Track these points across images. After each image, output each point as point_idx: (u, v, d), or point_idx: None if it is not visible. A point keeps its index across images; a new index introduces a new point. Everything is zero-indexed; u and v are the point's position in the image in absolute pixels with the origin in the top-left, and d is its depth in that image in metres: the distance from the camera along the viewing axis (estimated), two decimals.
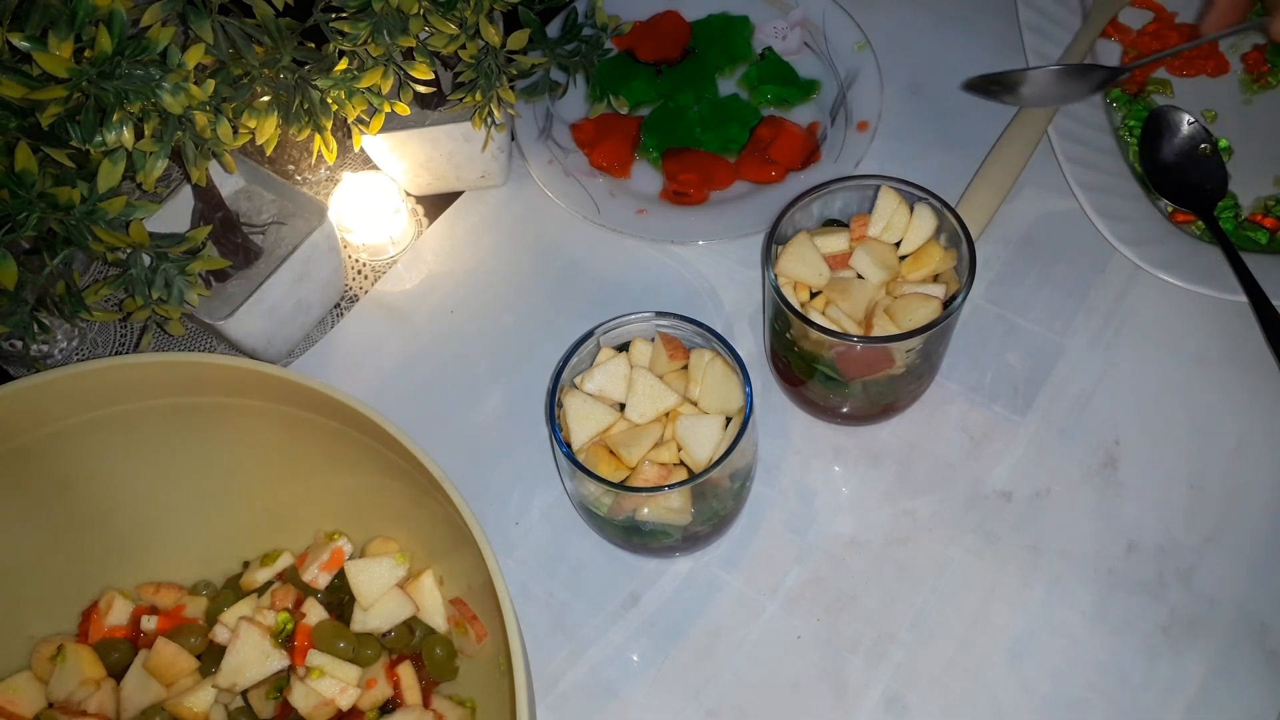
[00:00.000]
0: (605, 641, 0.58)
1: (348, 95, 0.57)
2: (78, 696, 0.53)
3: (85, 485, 0.55)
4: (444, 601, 0.54)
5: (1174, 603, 0.57)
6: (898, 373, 0.57)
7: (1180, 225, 0.67)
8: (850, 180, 0.58)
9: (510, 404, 0.67)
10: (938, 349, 0.59)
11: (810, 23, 0.79)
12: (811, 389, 0.61)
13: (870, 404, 0.61)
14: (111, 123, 0.47)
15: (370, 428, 0.47)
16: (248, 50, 0.52)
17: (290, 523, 0.58)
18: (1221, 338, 0.65)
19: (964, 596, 0.58)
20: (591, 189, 0.73)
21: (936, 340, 0.57)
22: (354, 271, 0.74)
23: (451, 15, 0.57)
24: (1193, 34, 0.76)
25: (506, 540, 0.62)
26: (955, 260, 0.57)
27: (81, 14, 0.45)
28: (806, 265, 0.57)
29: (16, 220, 0.48)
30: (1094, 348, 0.65)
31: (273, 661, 0.53)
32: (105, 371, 0.50)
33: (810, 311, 0.56)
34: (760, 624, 0.58)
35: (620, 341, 0.58)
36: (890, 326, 0.54)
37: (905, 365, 0.57)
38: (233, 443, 0.55)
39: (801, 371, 0.59)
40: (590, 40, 0.67)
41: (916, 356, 0.56)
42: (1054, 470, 0.61)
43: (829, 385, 0.59)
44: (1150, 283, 0.66)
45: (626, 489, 0.52)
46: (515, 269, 0.73)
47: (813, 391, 0.61)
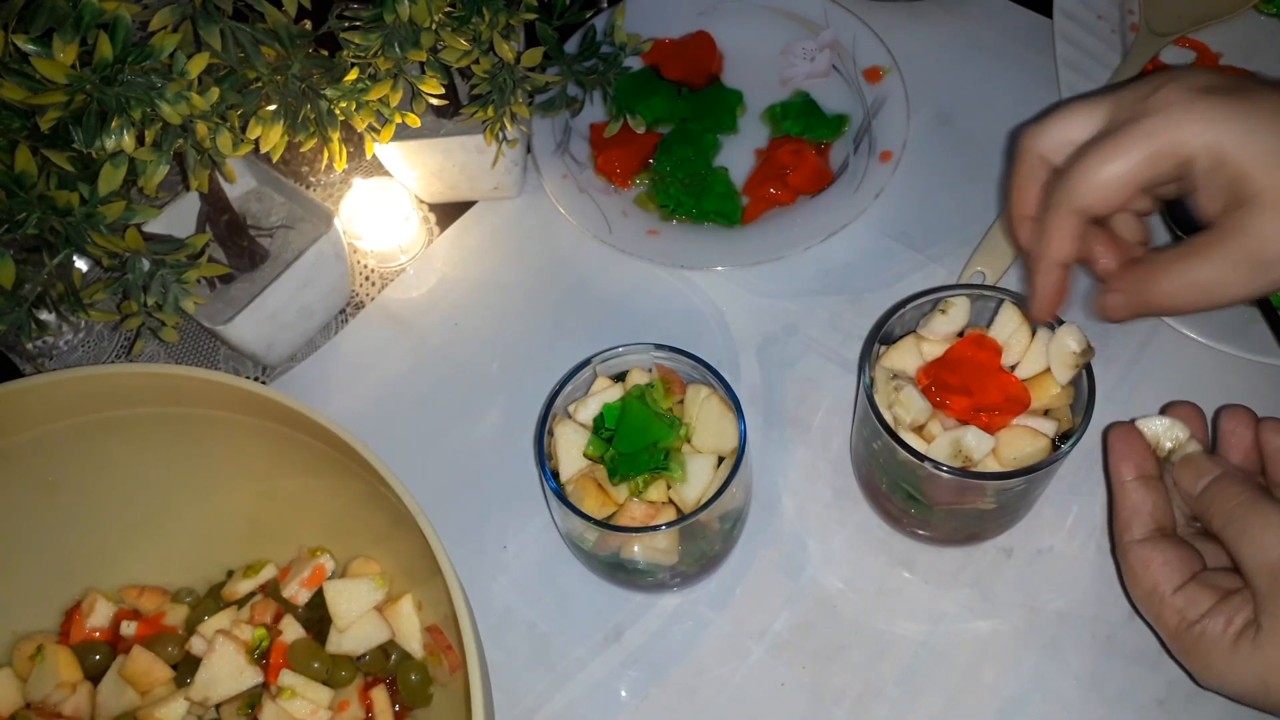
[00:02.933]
0: (586, 675, 0.57)
1: (356, 107, 0.56)
2: (54, 699, 0.53)
3: (73, 487, 0.55)
4: (421, 628, 0.54)
5: (1172, 675, 0.54)
6: (987, 507, 0.54)
7: None
8: (969, 289, 0.55)
9: (508, 422, 0.66)
10: (1038, 489, 0.55)
11: (840, 45, 0.77)
12: (891, 502, 0.57)
13: (953, 531, 0.58)
14: (111, 128, 0.46)
15: (349, 451, 0.47)
16: (257, 57, 0.52)
17: (276, 534, 0.58)
18: (1243, 399, 0.62)
19: (955, 654, 0.56)
20: (604, 206, 0.72)
21: (1040, 481, 0.53)
22: (361, 277, 0.73)
23: (465, 30, 0.56)
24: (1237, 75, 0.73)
25: (495, 563, 0.61)
26: (1072, 396, 0.53)
27: (87, 17, 0.45)
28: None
29: (15, 221, 0.48)
30: (1110, 401, 0.63)
31: (246, 678, 0.52)
32: (92, 379, 0.50)
33: (902, 430, 0.52)
34: (745, 668, 0.57)
35: (617, 371, 0.56)
36: (991, 460, 0.51)
37: (998, 501, 0.53)
38: (220, 453, 0.55)
39: (883, 483, 0.56)
40: (608, 58, 0.66)
41: (1012, 494, 0.53)
42: (1058, 527, 0.59)
43: (910, 504, 0.55)
44: (1172, 336, 0.64)
45: (611, 528, 0.51)
46: (523, 283, 0.72)
47: (892, 505, 0.57)
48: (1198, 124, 0.42)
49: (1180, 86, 0.44)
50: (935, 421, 0.52)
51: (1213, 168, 0.43)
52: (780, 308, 0.69)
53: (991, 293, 0.55)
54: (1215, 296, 0.44)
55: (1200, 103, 0.43)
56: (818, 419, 0.65)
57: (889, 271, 0.69)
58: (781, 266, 0.69)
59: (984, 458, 0.50)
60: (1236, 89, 0.43)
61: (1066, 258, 0.47)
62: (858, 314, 0.68)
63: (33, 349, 0.70)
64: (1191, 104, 0.43)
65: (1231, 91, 0.43)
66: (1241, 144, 0.42)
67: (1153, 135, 0.43)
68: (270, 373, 0.69)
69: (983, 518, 0.56)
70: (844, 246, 0.70)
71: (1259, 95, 0.43)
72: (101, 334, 0.72)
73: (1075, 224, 0.46)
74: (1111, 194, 0.44)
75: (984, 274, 0.66)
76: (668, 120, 0.75)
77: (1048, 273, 0.47)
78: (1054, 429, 0.52)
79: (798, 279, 0.69)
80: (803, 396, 0.65)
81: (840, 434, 0.64)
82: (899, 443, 0.50)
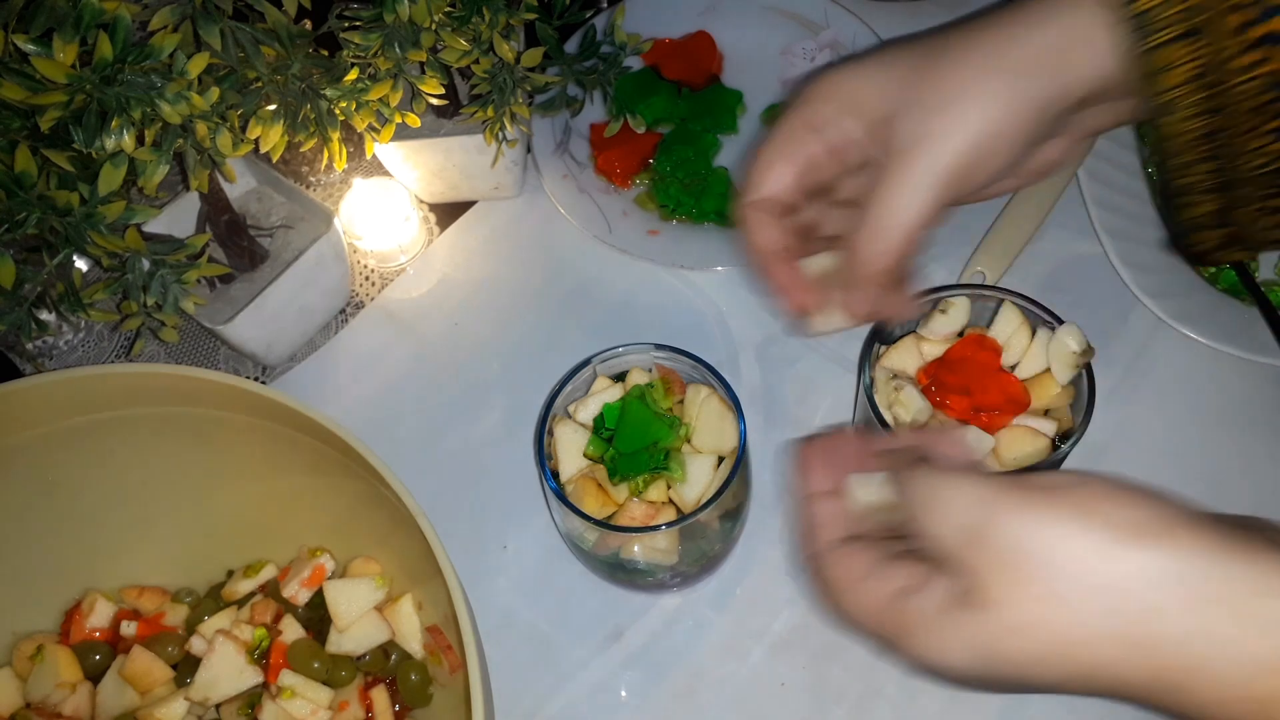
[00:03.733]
0: (586, 675, 0.57)
1: (356, 107, 0.56)
2: (54, 699, 0.53)
3: (73, 486, 0.55)
4: (421, 628, 0.54)
5: None
6: None
7: (1201, 274, 0.65)
8: (969, 289, 0.55)
9: (508, 422, 0.66)
10: None
11: (840, 45, 0.77)
12: None
13: None
14: (111, 128, 0.46)
15: (349, 452, 0.47)
16: (257, 56, 0.52)
17: (276, 534, 0.58)
18: (1243, 399, 0.62)
19: None
20: (604, 206, 0.72)
21: None
22: (361, 277, 0.73)
23: (464, 31, 0.56)
24: None
25: (495, 563, 0.61)
26: (1072, 396, 0.53)
27: (87, 17, 0.45)
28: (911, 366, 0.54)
29: (15, 221, 0.48)
30: (1111, 401, 0.63)
31: (246, 678, 0.52)
32: (92, 380, 0.50)
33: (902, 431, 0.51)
34: (745, 668, 0.57)
35: (617, 371, 0.56)
36: (992, 460, 0.51)
37: None
38: (221, 453, 0.55)
39: None
40: (608, 58, 0.66)
41: None
42: None
43: None
44: (1173, 337, 0.63)
45: (611, 527, 0.51)
46: (523, 283, 0.72)
47: None
48: (828, 86, 0.47)
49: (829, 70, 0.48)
50: (935, 421, 0.52)
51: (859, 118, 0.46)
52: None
53: (991, 293, 0.55)
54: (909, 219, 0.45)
55: (832, 72, 0.47)
56: (818, 419, 0.64)
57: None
58: None
59: (984, 458, 0.50)
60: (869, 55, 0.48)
61: (768, 245, 0.49)
62: None
63: (33, 349, 0.70)
64: (820, 78, 0.47)
65: (864, 57, 0.47)
66: (870, 87, 0.46)
67: (801, 110, 0.47)
68: (270, 373, 0.69)
69: None
70: None
71: (880, 53, 0.47)
72: (101, 334, 0.72)
73: (755, 213, 0.49)
74: (778, 176, 0.48)
75: (984, 274, 0.66)
76: (668, 120, 0.75)
77: (764, 266, 0.49)
78: (1054, 429, 0.52)
79: None
80: (803, 396, 0.65)
81: None
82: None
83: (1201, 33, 0.41)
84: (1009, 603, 0.33)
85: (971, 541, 0.34)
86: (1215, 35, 0.40)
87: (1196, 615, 0.31)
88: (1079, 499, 0.33)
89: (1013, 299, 0.54)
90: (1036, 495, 0.33)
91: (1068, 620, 0.32)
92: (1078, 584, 0.32)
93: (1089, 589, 0.32)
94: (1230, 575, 0.31)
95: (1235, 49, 0.40)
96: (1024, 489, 0.34)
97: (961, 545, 0.34)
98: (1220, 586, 0.31)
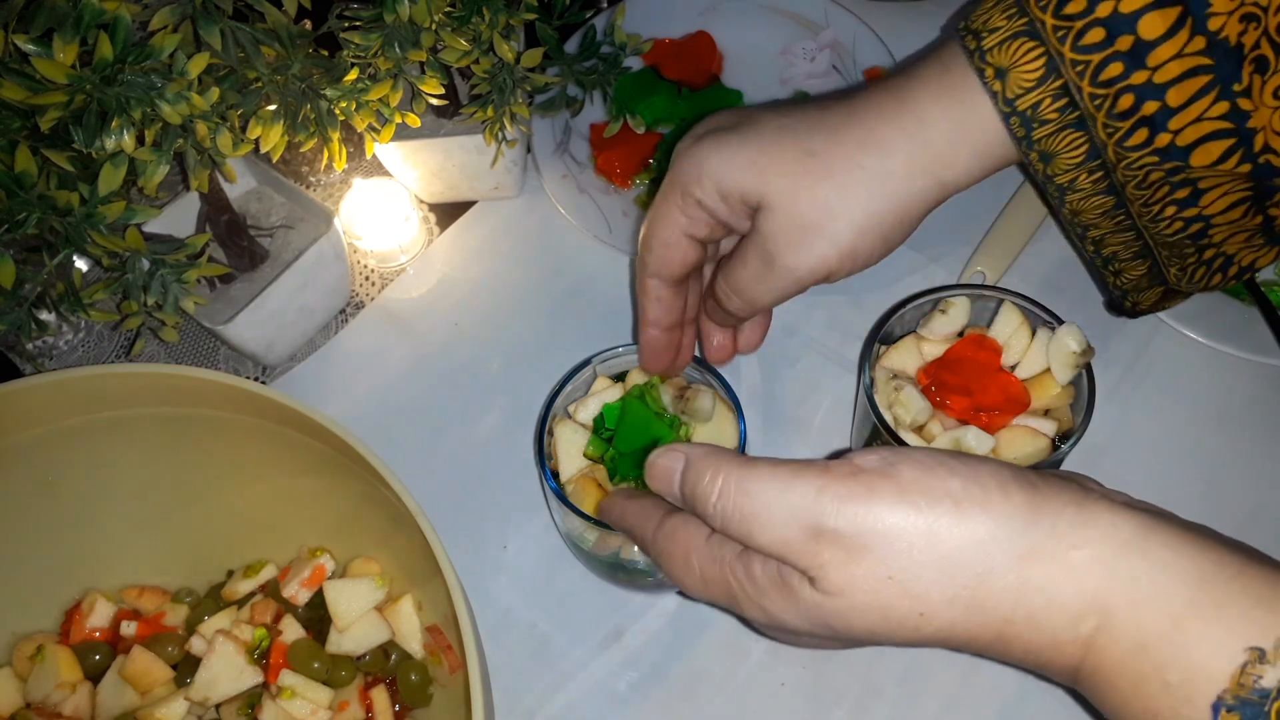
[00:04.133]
0: (586, 675, 0.57)
1: (356, 107, 0.56)
2: (54, 699, 0.53)
3: (73, 487, 0.55)
4: (421, 628, 0.54)
5: None
6: None
7: None
8: (969, 289, 0.55)
9: (508, 422, 0.66)
10: None
11: (840, 45, 0.77)
12: None
13: None
14: (111, 128, 0.46)
15: (349, 452, 0.47)
16: (257, 56, 0.52)
17: (276, 535, 0.58)
18: (1243, 399, 0.62)
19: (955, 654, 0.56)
20: (604, 206, 0.72)
21: None
22: (361, 277, 0.73)
23: (464, 31, 0.56)
24: None
25: (495, 563, 0.61)
26: (1072, 396, 0.53)
27: (87, 17, 0.45)
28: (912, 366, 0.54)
29: (15, 221, 0.48)
30: (1111, 401, 0.63)
31: (246, 678, 0.52)
32: (93, 380, 0.50)
33: (902, 430, 0.52)
34: (745, 668, 0.57)
35: (617, 371, 0.56)
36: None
37: None
38: (221, 453, 0.55)
39: None
40: (608, 58, 0.66)
41: None
42: None
43: None
44: (1172, 337, 0.64)
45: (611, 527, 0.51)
46: (523, 283, 0.72)
47: None
48: (708, 173, 0.47)
49: (685, 140, 0.49)
50: (935, 421, 0.52)
51: (721, 199, 0.47)
52: (780, 308, 0.68)
53: (991, 293, 0.55)
54: (756, 297, 0.50)
55: (707, 153, 0.47)
56: (818, 419, 0.65)
57: (889, 272, 0.69)
58: None
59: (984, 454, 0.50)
60: (742, 124, 0.48)
61: (656, 319, 0.52)
62: (858, 314, 0.68)
63: (33, 349, 0.70)
64: (700, 158, 0.47)
65: (736, 129, 0.47)
66: (745, 175, 0.46)
67: (676, 197, 0.48)
68: (270, 373, 0.69)
69: None
70: None
71: (745, 123, 0.48)
72: (101, 334, 0.72)
73: (651, 287, 0.51)
74: (664, 256, 0.50)
75: (984, 274, 0.66)
76: (668, 120, 0.75)
77: (645, 332, 0.53)
78: (1054, 429, 0.52)
79: None
80: (803, 396, 0.65)
81: (840, 434, 0.64)
82: (899, 443, 0.50)
83: (1086, 120, 0.42)
84: (850, 589, 0.34)
85: (802, 537, 0.35)
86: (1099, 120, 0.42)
87: (1019, 572, 0.33)
88: (897, 480, 0.35)
89: (1013, 299, 0.54)
90: (855, 484, 0.35)
91: (907, 595, 0.34)
92: (911, 560, 0.34)
93: (922, 564, 0.34)
94: (1042, 531, 0.33)
95: (1121, 131, 0.41)
96: (840, 479, 0.35)
97: (792, 542, 0.35)
98: (1035, 543, 0.33)
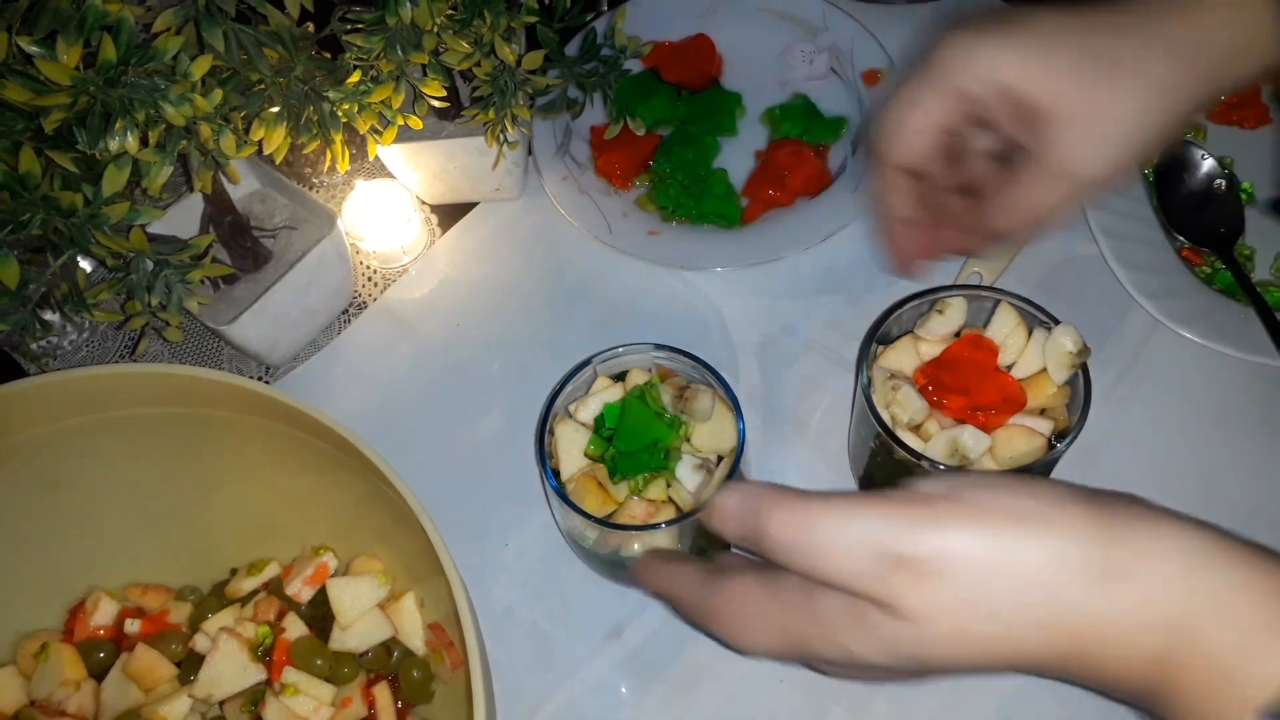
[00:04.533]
0: (587, 672, 0.58)
1: (358, 109, 0.57)
2: (58, 696, 0.54)
3: (78, 485, 0.56)
4: (423, 625, 0.54)
5: None
6: None
7: (1192, 267, 0.66)
8: (966, 289, 0.55)
9: (509, 421, 0.66)
10: None
11: (838, 48, 0.78)
12: None
13: None
14: (115, 129, 0.47)
15: (352, 451, 0.47)
16: (260, 59, 0.52)
17: (279, 533, 0.58)
18: (1240, 399, 0.63)
19: None
20: (605, 207, 0.72)
21: None
22: (364, 278, 0.74)
23: (466, 33, 0.56)
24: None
25: (496, 561, 0.62)
26: (1068, 396, 0.53)
27: (91, 19, 0.45)
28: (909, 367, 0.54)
29: (20, 221, 0.49)
30: (1108, 401, 0.63)
31: (250, 675, 0.52)
32: (97, 380, 0.50)
33: (899, 429, 0.52)
34: (744, 665, 0.57)
35: (617, 371, 0.57)
36: (988, 459, 0.51)
37: None
38: (224, 453, 0.55)
39: (881, 482, 0.56)
40: (609, 60, 0.66)
41: None
42: None
43: None
44: (1170, 337, 0.64)
45: (611, 525, 0.51)
46: (524, 284, 0.72)
47: None
48: (978, 63, 0.45)
49: (961, 32, 0.47)
50: (932, 421, 0.53)
51: (1002, 103, 0.46)
52: (779, 308, 0.69)
53: (988, 293, 0.55)
54: (1041, 215, 0.48)
55: (979, 42, 0.46)
56: (816, 419, 0.65)
57: (887, 273, 0.70)
58: (781, 267, 0.69)
59: (980, 457, 0.51)
60: (1015, 23, 0.46)
61: (897, 210, 0.50)
62: (856, 314, 0.68)
63: (37, 349, 0.71)
64: (971, 46, 0.46)
65: (1011, 26, 0.46)
66: (1023, 72, 0.45)
67: (936, 82, 0.47)
68: (273, 373, 0.70)
69: None
70: (842, 248, 0.70)
71: (1037, 23, 0.46)
72: (105, 334, 0.73)
73: (893, 177, 0.49)
74: (913, 144, 0.48)
75: (980, 275, 0.67)
76: (668, 122, 0.75)
77: (889, 226, 0.51)
78: (1050, 428, 0.52)
79: (797, 280, 0.70)
80: (802, 396, 0.66)
81: (839, 433, 0.64)
82: (896, 442, 0.50)
83: None
84: (930, 616, 0.34)
85: (875, 566, 0.34)
86: None
87: (1091, 589, 0.33)
88: (964, 503, 0.34)
89: (1009, 299, 0.54)
90: (924, 510, 0.34)
91: (986, 618, 0.33)
92: (987, 582, 0.33)
93: (997, 585, 0.33)
94: (1112, 548, 0.33)
95: None
96: (908, 505, 0.34)
97: (865, 572, 0.34)
98: (1107, 559, 0.33)
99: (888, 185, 0.50)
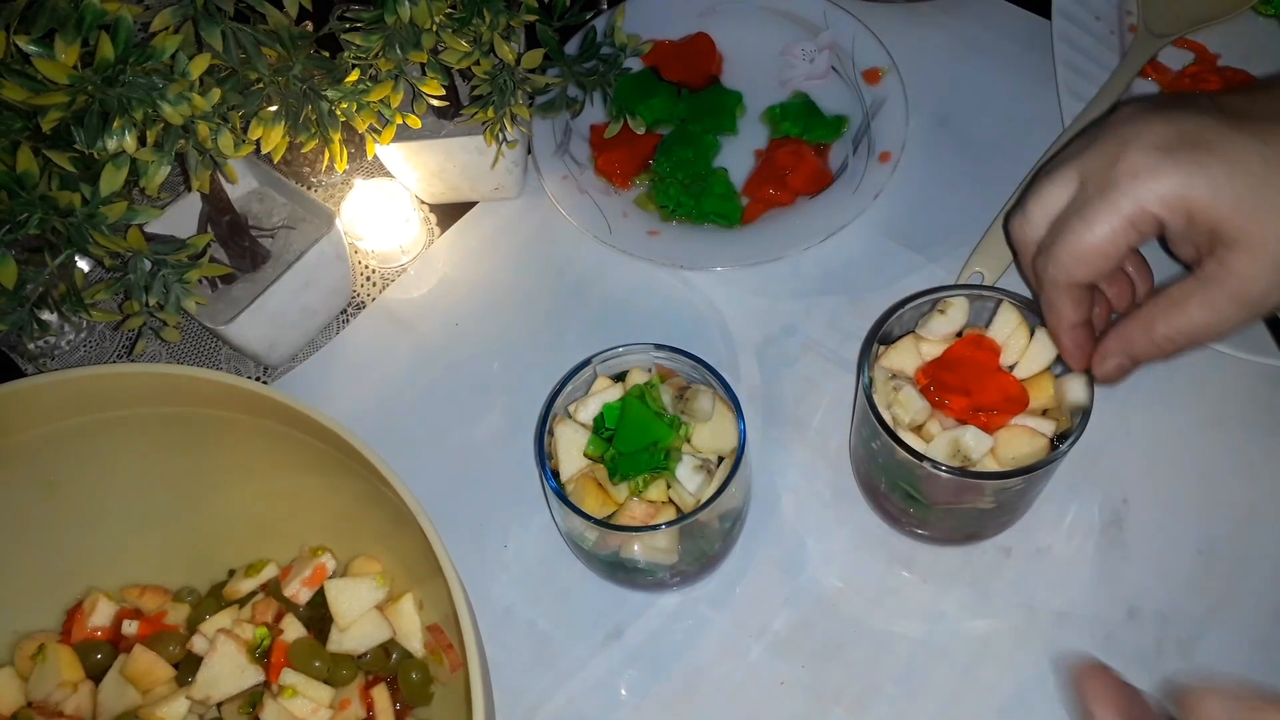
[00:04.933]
0: (586, 673, 0.58)
1: (357, 108, 0.57)
2: (55, 698, 0.54)
3: (75, 486, 0.55)
4: (422, 627, 0.54)
5: (1170, 673, 0.55)
6: (986, 506, 0.54)
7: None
8: (967, 289, 0.55)
9: (509, 421, 0.66)
10: (1036, 489, 0.56)
11: (839, 46, 0.77)
12: (890, 501, 0.58)
13: (952, 531, 0.58)
14: (113, 129, 0.47)
15: (350, 451, 0.47)
16: (258, 58, 0.52)
17: (277, 534, 0.58)
18: (1241, 400, 0.63)
19: (954, 653, 0.56)
20: (605, 207, 0.72)
21: (1038, 480, 0.53)
22: (363, 278, 0.73)
23: (465, 32, 0.56)
24: (1233, 77, 0.73)
25: (495, 562, 0.61)
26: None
27: (89, 18, 0.45)
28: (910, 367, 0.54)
29: (17, 221, 0.49)
30: (1108, 401, 0.63)
31: (247, 676, 0.52)
32: (94, 379, 0.50)
33: (901, 430, 0.52)
34: (744, 666, 0.57)
35: (617, 371, 0.57)
36: (990, 460, 0.51)
37: (996, 501, 0.53)
38: (222, 453, 0.55)
39: (882, 482, 0.57)
40: (608, 59, 0.66)
41: (1011, 494, 0.53)
42: (1057, 527, 0.59)
43: (909, 503, 0.56)
44: None
45: (611, 527, 0.51)
46: (524, 283, 0.72)
47: (891, 504, 0.58)
48: (1165, 188, 0.45)
49: (1143, 148, 0.45)
50: (934, 421, 0.52)
51: (1187, 224, 0.45)
52: (780, 308, 0.69)
53: (990, 293, 0.55)
54: (1207, 337, 0.47)
55: (1165, 165, 0.45)
56: (817, 419, 0.65)
57: (888, 272, 0.70)
58: (781, 267, 0.69)
59: (982, 457, 0.51)
60: (1197, 142, 0.45)
61: (1077, 320, 0.49)
62: (857, 314, 0.68)
63: (34, 349, 0.71)
64: (1156, 168, 0.45)
65: (1194, 145, 0.45)
66: (1210, 199, 0.44)
67: (1123, 206, 0.45)
68: (272, 373, 0.70)
69: (981, 517, 0.56)
70: (843, 247, 0.70)
71: (1219, 143, 0.45)
72: (103, 334, 0.72)
73: (1072, 294, 0.49)
74: (1094, 266, 0.47)
75: (982, 274, 0.66)
76: (667, 121, 0.75)
77: (1067, 336, 0.50)
78: (1052, 429, 0.52)
79: (797, 279, 0.70)
80: (802, 396, 0.66)
81: (839, 434, 0.64)
82: (898, 442, 0.50)
83: None
84: None
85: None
86: None
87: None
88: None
89: (1011, 299, 0.54)
90: None
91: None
92: None
93: None
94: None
95: None
96: None
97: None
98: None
99: (1064, 298, 0.49)
